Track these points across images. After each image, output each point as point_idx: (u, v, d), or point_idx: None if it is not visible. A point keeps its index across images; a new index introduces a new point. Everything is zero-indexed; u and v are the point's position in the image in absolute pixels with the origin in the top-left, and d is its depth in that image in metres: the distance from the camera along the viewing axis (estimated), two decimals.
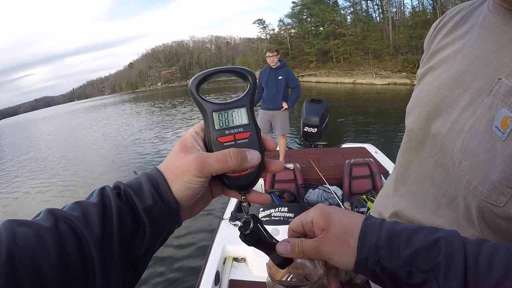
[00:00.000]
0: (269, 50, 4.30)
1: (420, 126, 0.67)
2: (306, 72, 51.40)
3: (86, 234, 0.35)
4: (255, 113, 0.47)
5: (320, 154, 4.58)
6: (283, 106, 4.34)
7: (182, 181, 0.41)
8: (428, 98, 0.65)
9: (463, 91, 0.57)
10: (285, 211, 2.65)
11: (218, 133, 0.43)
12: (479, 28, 0.60)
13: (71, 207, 0.38)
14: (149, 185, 0.41)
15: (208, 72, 0.45)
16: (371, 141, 6.57)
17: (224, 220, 2.82)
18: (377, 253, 0.41)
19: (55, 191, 8.23)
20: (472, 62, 0.57)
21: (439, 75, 0.65)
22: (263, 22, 75.28)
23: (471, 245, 0.38)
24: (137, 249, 0.40)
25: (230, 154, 0.41)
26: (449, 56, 0.64)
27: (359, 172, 3.56)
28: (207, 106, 0.44)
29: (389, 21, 46.20)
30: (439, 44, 0.70)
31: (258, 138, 0.44)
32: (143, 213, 0.39)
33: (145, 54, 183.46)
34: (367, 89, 26.45)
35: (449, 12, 0.74)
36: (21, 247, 0.31)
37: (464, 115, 0.54)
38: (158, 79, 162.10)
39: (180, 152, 0.43)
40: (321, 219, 0.47)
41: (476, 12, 0.64)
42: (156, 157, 9.91)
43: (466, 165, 0.50)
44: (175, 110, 24.84)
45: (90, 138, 17.17)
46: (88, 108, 57.96)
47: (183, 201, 0.42)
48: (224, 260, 2.41)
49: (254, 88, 0.45)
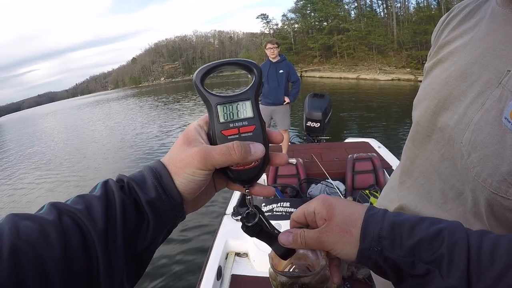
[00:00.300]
0: (270, 42, 4.28)
1: (427, 119, 0.66)
2: (310, 67, 51.19)
3: (90, 227, 0.35)
4: None
5: (323, 148, 4.57)
6: (285, 100, 4.32)
7: (186, 173, 0.40)
8: (435, 91, 0.65)
9: (471, 83, 0.56)
10: (287, 206, 2.64)
11: (223, 126, 0.43)
12: (487, 21, 0.59)
13: (74, 201, 0.38)
14: (152, 178, 0.41)
15: (213, 65, 0.44)
16: (374, 136, 6.55)
17: (226, 215, 2.82)
18: (380, 243, 0.41)
19: (59, 184, 8.31)
20: (481, 55, 0.56)
21: (447, 68, 0.64)
22: (266, 17, 74.99)
23: (474, 236, 0.38)
24: (140, 242, 0.39)
25: (233, 147, 0.40)
26: (457, 49, 0.64)
27: (362, 167, 3.55)
28: (211, 99, 0.44)
29: (393, 17, 45.87)
30: (447, 37, 0.69)
31: (262, 132, 0.44)
32: (146, 206, 0.39)
33: (148, 49, 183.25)
34: (371, 85, 26.32)
35: (456, 6, 0.73)
36: (24, 241, 0.31)
37: (473, 108, 0.53)
38: (161, 74, 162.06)
39: (183, 145, 0.42)
40: (323, 209, 0.46)
41: (485, 6, 0.64)
42: (159, 151, 9.94)
43: (475, 157, 0.50)
44: (178, 104, 24.89)
45: (94, 132, 17.31)
46: (91, 103, 58.27)
47: (187, 194, 0.42)
48: (226, 255, 2.42)
49: (259, 81, 0.45)
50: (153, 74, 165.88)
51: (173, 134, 12.29)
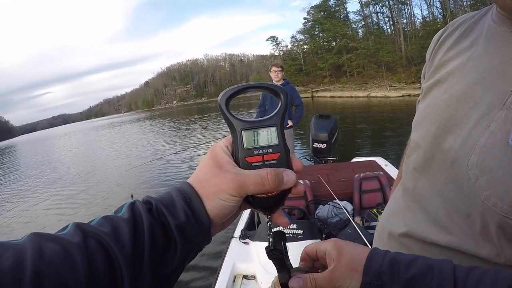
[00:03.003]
0: (275, 65, 4.37)
1: (429, 141, 0.65)
2: (320, 87, 51.36)
3: (116, 251, 0.34)
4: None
5: (330, 169, 4.55)
6: (288, 124, 4.36)
7: (219, 199, 0.40)
8: (436, 113, 0.64)
9: (474, 105, 0.55)
10: (294, 228, 2.64)
11: (247, 153, 0.42)
12: (484, 40, 0.59)
13: (100, 222, 0.37)
14: (182, 201, 0.40)
15: (239, 88, 0.44)
16: (387, 153, 6.49)
17: (234, 238, 2.82)
18: (380, 278, 0.45)
19: (77, 203, 8.49)
20: (481, 75, 0.56)
21: (446, 89, 0.63)
22: (276, 39, 75.58)
23: (461, 271, 0.42)
24: (167, 266, 0.39)
25: (268, 177, 0.40)
26: (455, 69, 0.63)
27: (369, 186, 3.53)
28: (236, 123, 0.43)
29: (400, 33, 45.96)
30: (444, 57, 0.68)
31: (287, 159, 0.43)
32: (175, 230, 0.38)
33: (160, 73, 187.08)
34: (382, 102, 26.22)
35: (451, 24, 0.72)
36: (48, 264, 0.30)
37: (477, 130, 0.53)
38: (174, 97, 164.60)
39: (214, 168, 0.41)
40: (334, 250, 0.51)
41: (480, 23, 0.64)
42: (176, 174, 10.02)
43: (484, 181, 0.50)
44: (193, 125, 25.26)
45: (110, 153, 17.64)
46: (106, 125, 59.27)
47: (217, 219, 0.41)
48: (234, 278, 2.41)
49: (286, 106, 0.44)
50: (166, 98, 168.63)
51: (188, 157, 12.33)
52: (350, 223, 2.78)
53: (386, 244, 0.80)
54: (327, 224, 3.06)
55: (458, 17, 0.72)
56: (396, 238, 0.75)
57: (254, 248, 2.56)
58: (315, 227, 2.65)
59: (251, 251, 2.56)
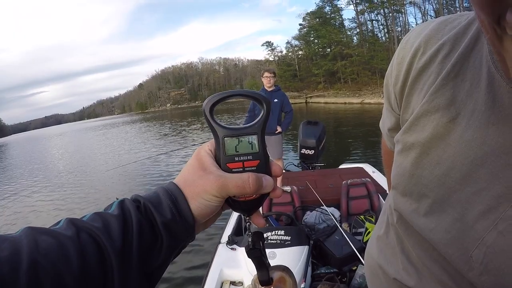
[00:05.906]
0: (268, 71, 4.35)
1: (415, 217, 0.58)
2: (315, 93, 51.73)
3: (108, 245, 0.36)
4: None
5: (318, 175, 4.58)
6: (277, 129, 4.40)
7: (202, 199, 0.42)
8: (428, 188, 0.54)
9: (478, 191, 0.47)
10: (281, 234, 2.64)
11: (228, 159, 0.44)
12: (486, 96, 0.46)
13: (91, 218, 0.39)
14: (168, 200, 0.42)
15: (224, 95, 0.45)
16: (371, 160, 6.53)
17: (221, 244, 2.82)
18: None
19: (69, 200, 8.60)
20: (487, 157, 0.46)
21: (438, 160, 0.52)
22: (271, 44, 75.90)
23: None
24: (153, 261, 0.41)
25: (249, 181, 0.42)
26: (448, 132, 0.50)
27: (356, 192, 3.56)
28: (219, 130, 0.45)
29: (395, 40, 46.60)
30: (429, 104, 0.52)
31: (266, 166, 0.45)
32: (161, 227, 0.40)
33: (155, 75, 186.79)
34: (375, 109, 26.36)
35: (422, 42, 0.56)
36: (43, 255, 0.31)
37: (483, 223, 0.47)
38: (167, 100, 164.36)
39: (198, 170, 0.44)
40: None
41: (472, 57, 0.50)
42: (165, 174, 10.05)
43: (489, 281, 0.47)
44: (185, 129, 25.18)
45: (102, 154, 17.64)
46: (98, 127, 58.97)
47: (200, 217, 0.43)
48: (221, 284, 2.41)
49: (267, 115, 0.46)
50: (160, 100, 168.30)
51: (177, 157, 12.35)
52: (338, 229, 2.79)
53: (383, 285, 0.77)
54: (314, 230, 3.07)
55: (427, 27, 0.57)
56: (392, 281, 0.71)
57: (241, 254, 2.56)
58: (302, 233, 2.65)
59: (239, 257, 2.56)
